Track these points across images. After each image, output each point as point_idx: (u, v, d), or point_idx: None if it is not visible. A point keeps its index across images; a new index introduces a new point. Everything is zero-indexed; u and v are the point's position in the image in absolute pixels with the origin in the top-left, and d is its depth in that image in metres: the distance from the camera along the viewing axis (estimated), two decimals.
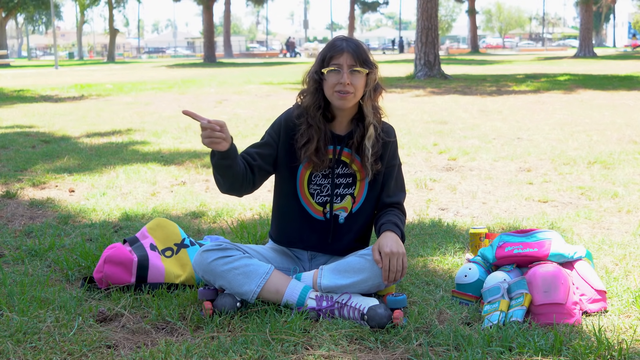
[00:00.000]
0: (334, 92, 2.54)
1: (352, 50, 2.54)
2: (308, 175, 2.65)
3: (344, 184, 2.66)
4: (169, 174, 5.35)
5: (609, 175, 4.99)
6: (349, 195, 2.67)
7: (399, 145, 2.81)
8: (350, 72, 2.52)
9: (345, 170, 2.66)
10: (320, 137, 2.59)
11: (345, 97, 2.53)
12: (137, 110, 10.78)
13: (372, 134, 2.61)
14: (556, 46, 70.84)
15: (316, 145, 2.59)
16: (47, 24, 73.65)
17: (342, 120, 2.64)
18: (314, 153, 2.59)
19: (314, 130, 2.59)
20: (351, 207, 2.68)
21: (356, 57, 2.54)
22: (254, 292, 2.47)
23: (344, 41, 2.57)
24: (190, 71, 26.24)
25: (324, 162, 2.61)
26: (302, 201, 2.67)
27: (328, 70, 2.53)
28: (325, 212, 2.66)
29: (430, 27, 16.63)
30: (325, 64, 2.55)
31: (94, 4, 55.81)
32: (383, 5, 63.43)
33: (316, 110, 2.59)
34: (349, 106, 2.58)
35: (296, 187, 2.67)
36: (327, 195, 2.66)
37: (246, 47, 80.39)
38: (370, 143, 2.61)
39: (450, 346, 2.19)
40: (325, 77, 2.55)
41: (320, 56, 2.59)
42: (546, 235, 2.68)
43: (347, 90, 2.52)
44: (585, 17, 34.37)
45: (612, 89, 13.30)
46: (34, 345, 2.23)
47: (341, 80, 2.51)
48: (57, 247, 3.38)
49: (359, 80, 2.54)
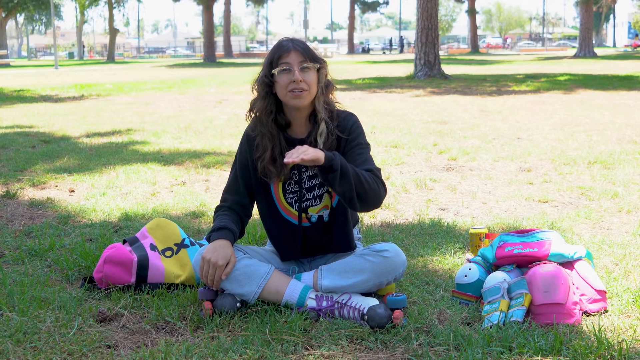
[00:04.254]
0: (287, 92, 2.49)
1: (300, 48, 2.51)
2: (282, 186, 2.62)
3: (317, 185, 2.61)
4: (169, 174, 5.34)
5: (609, 175, 4.99)
6: (326, 194, 2.62)
7: (400, 146, 2.80)
8: (301, 69, 2.49)
9: (314, 171, 2.59)
10: (274, 145, 2.55)
11: (300, 95, 2.49)
12: (137, 110, 10.78)
13: (323, 129, 2.54)
14: (556, 46, 70.83)
15: (271, 154, 2.54)
16: (47, 24, 73.56)
17: (298, 123, 2.59)
18: (270, 162, 2.54)
19: (267, 138, 2.55)
20: (330, 202, 2.64)
21: (305, 54, 2.50)
22: (254, 292, 2.47)
23: (290, 41, 2.54)
24: (190, 71, 26.24)
25: (282, 171, 2.56)
26: (284, 214, 2.64)
27: (279, 71, 2.49)
28: (309, 216, 2.63)
29: (430, 27, 16.63)
30: (274, 66, 2.51)
31: (93, 3, 55.80)
32: (383, 5, 63.53)
33: (268, 116, 2.55)
34: (305, 104, 2.53)
35: (274, 201, 2.64)
36: (304, 200, 2.62)
37: (246, 47, 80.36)
38: (322, 139, 2.54)
39: (450, 346, 2.19)
40: (277, 78, 2.50)
41: (267, 59, 2.54)
42: (546, 235, 2.68)
43: (301, 87, 2.48)
44: (585, 17, 34.38)
45: (612, 89, 13.30)
46: (34, 345, 2.23)
47: (293, 78, 2.47)
48: (57, 247, 3.38)
49: (311, 76, 2.50)
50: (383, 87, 14.81)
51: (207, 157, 6.06)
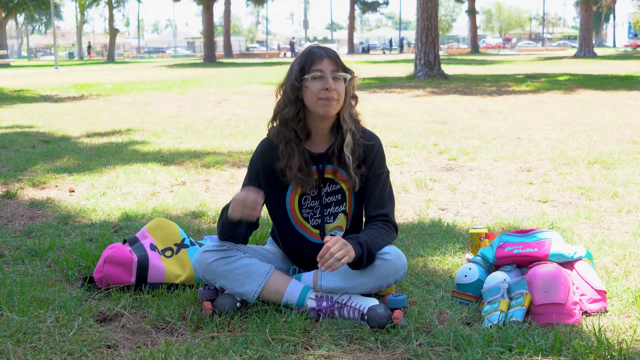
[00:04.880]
0: (317, 100, 2.46)
1: (332, 56, 2.49)
2: (298, 200, 2.61)
3: (334, 202, 2.61)
4: (169, 174, 5.34)
5: (609, 175, 4.99)
6: (342, 213, 2.62)
7: (400, 146, 2.80)
8: (333, 78, 2.47)
9: (332, 188, 2.60)
10: (300, 152, 2.52)
11: (330, 104, 2.46)
12: (137, 110, 10.78)
13: (349, 141, 2.53)
14: (556, 46, 70.83)
15: (298, 160, 2.51)
16: (47, 24, 73.62)
17: (320, 134, 2.57)
18: (297, 170, 2.51)
19: (294, 143, 2.52)
20: (346, 224, 2.64)
21: (336, 63, 2.49)
22: (254, 292, 2.47)
23: (322, 49, 2.51)
24: (190, 71, 26.24)
25: (309, 180, 2.54)
26: (298, 228, 2.63)
27: (311, 77, 2.46)
28: (323, 234, 2.63)
29: (430, 27, 16.63)
30: (306, 71, 2.47)
31: (93, 3, 55.80)
32: (383, 5, 63.53)
33: (297, 123, 2.51)
34: (333, 114, 2.50)
35: (288, 215, 2.63)
36: (320, 216, 2.61)
37: (246, 47, 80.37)
38: (349, 150, 2.53)
39: (450, 346, 2.19)
40: (308, 84, 2.47)
41: (298, 65, 2.50)
42: (546, 235, 2.68)
43: (331, 96, 2.45)
44: (585, 17, 34.38)
45: (612, 89, 13.30)
46: (34, 345, 2.23)
47: (326, 86, 2.44)
48: (57, 247, 3.38)
49: (341, 86, 2.49)
50: (383, 87, 14.81)
51: (207, 157, 6.06)
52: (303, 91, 2.49)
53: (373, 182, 2.58)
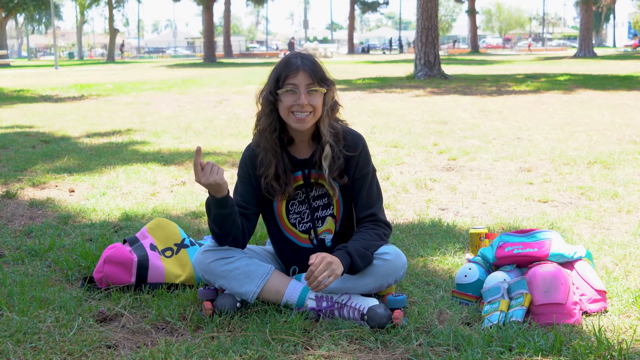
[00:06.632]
0: (289, 114, 2.44)
1: (308, 68, 2.43)
2: (285, 206, 2.61)
3: (322, 206, 2.61)
4: (169, 174, 5.35)
5: (609, 175, 4.99)
6: (330, 217, 2.62)
7: (400, 146, 2.80)
8: (308, 92, 2.42)
9: (319, 192, 2.59)
10: (278, 162, 2.51)
11: (304, 120, 2.43)
12: (137, 110, 10.78)
13: (328, 153, 2.50)
14: (556, 46, 70.82)
15: (275, 170, 2.50)
16: (47, 24, 73.58)
17: (302, 140, 2.55)
18: (273, 179, 2.51)
19: (271, 154, 2.51)
20: (334, 227, 2.64)
21: (313, 75, 2.43)
22: (254, 292, 2.47)
23: (299, 59, 2.45)
24: (190, 71, 26.24)
25: (285, 189, 2.53)
26: (287, 233, 2.64)
27: (283, 92, 2.43)
28: (311, 238, 2.63)
29: (430, 27, 16.62)
30: (280, 84, 2.44)
31: (94, 4, 55.82)
32: (383, 5, 63.50)
33: (272, 134, 2.50)
34: (306, 127, 2.47)
35: (276, 221, 2.63)
36: (309, 221, 2.61)
37: (246, 47, 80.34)
38: (327, 163, 2.51)
39: (450, 346, 2.19)
40: (282, 97, 2.44)
41: (274, 75, 2.47)
42: (546, 235, 2.68)
43: (305, 110, 2.42)
44: (585, 17, 34.37)
45: (612, 89, 13.30)
46: (34, 345, 2.23)
47: (298, 102, 2.41)
48: (57, 247, 3.38)
49: (317, 99, 2.44)
50: (383, 87, 14.80)
51: (207, 157, 6.06)
52: (278, 104, 2.47)
53: (359, 182, 2.57)
